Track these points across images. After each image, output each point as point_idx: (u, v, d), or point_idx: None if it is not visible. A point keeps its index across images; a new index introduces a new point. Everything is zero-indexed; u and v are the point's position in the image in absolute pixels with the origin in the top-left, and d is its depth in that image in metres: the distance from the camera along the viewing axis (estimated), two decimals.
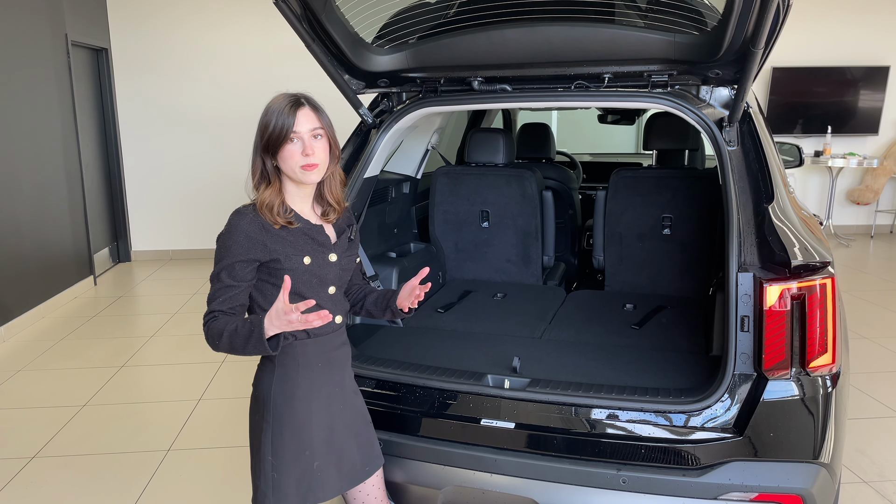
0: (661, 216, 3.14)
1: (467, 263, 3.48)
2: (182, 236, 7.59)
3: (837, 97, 7.81)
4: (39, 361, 4.58)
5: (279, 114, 1.69)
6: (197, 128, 7.37)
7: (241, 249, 1.68)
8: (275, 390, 1.78)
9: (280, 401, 1.77)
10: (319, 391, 1.81)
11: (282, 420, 1.77)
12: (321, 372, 1.81)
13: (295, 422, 1.78)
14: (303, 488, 1.78)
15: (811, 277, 1.85)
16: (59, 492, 3.02)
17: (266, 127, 1.70)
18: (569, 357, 2.41)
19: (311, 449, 1.79)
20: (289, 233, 1.74)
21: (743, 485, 1.86)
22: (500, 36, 2.36)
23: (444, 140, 4.07)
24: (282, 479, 1.76)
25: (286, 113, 1.68)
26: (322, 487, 1.80)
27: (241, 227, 1.69)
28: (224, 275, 1.68)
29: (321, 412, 1.81)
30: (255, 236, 1.69)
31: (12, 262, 5.19)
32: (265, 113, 1.71)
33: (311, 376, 1.80)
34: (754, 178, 2.16)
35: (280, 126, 1.68)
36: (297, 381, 1.78)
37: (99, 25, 6.92)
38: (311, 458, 1.79)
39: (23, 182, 5.38)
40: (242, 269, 1.69)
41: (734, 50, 2.11)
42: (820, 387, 1.90)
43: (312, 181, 1.74)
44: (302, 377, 1.78)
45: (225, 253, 1.69)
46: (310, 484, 1.78)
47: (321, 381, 1.81)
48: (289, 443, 1.77)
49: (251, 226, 1.69)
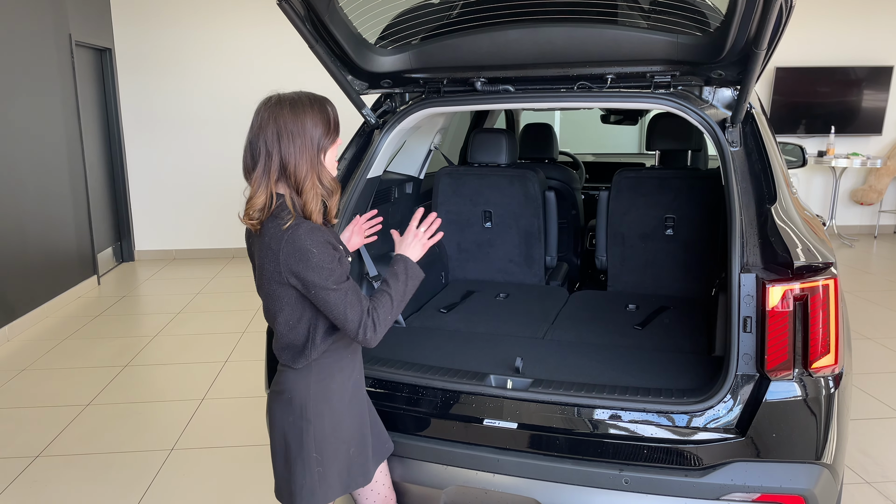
0: (664, 216, 3.14)
1: (470, 264, 3.48)
2: (185, 236, 7.60)
3: (841, 97, 7.79)
4: (43, 361, 4.59)
5: (334, 116, 1.73)
6: (200, 128, 7.38)
7: (332, 255, 1.66)
8: (313, 390, 1.79)
9: (320, 399, 1.80)
10: (348, 383, 1.86)
11: (322, 418, 1.80)
12: (349, 364, 1.87)
13: (334, 417, 1.82)
14: (344, 477, 1.86)
15: (814, 278, 1.85)
16: (62, 491, 3.03)
17: (328, 122, 1.70)
18: (571, 357, 2.42)
19: (348, 439, 1.86)
20: (332, 232, 1.76)
21: (745, 485, 1.86)
22: (504, 37, 2.36)
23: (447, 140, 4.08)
24: (326, 472, 1.81)
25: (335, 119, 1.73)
26: (361, 472, 1.90)
27: (318, 238, 1.65)
28: (344, 282, 1.67)
29: (352, 402, 1.88)
30: (329, 240, 1.68)
31: (16, 262, 5.21)
32: (319, 105, 1.70)
33: (343, 370, 1.84)
34: (757, 178, 2.16)
35: (337, 123, 1.73)
36: (334, 376, 1.82)
37: (102, 25, 6.93)
38: (348, 448, 1.86)
39: (27, 182, 5.40)
40: (344, 270, 1.69)
41: (737, 51, 2.11)
42: (822, 387, 1.90)
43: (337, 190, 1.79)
44: (336, 372, 1.83)
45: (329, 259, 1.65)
46: (350, 471, 1.87)
47: (349, 372, 1.87)
48: (330, 437, 1.81)
49: (323, 233, 1.67)
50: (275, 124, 1.65)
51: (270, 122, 1.65)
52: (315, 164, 1.68)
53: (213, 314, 5.58)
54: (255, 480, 3.06)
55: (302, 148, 1.66)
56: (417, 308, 3.04)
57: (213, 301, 5.96)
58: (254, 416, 3.69)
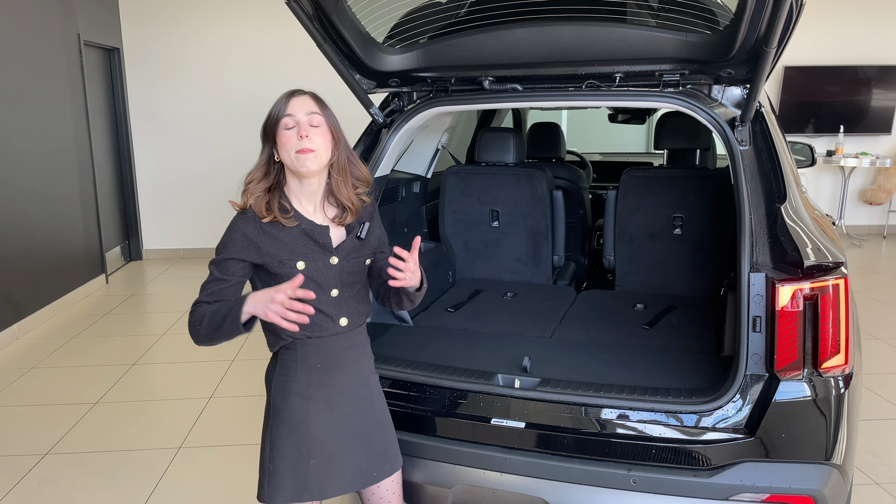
0: (672, 216, 3.13)
1: (477, 263, 3.48)
2: (193, 235, 7.62)
3: (850, 96, 7.75)
4: (52, 359, 4.62)
5: (277, 102, 1.75)
6: (208, 127, 7.40)
7: (236, 248, 1.72)
8: (275, 386, 1.82)
9: (278, 396, 1.81)
10: (318, 392, 1.80)
11: (279, 415, 1.80)
12: (321, 373, 1.81)
13: (292, 419, 1.79)
14: (297, 484, 1.78)
15: (824, 278, 1.84)
16: (71, 488, 3.05)
17: (268, 116, 1.76)
18: (579, 357, 2.41)
19: (308, 447, 1.79)
20: (286, 234, 1.74)
21: (754, 485, 1.86)
22: (511, 35, 2.36)
23: (455, 139, 4.07)
24: (277, 471, 1.78)
25: (283, 100, 1.75)
26: (318, 486, 1.80)
27: (239, 226, 1.73)
28: (216, 269, 1.73)
29: (320, 412, 1.80)
30: (252, 237, 1.72)
31: (25, 261, 5.23)
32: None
33: (309, 377, 1.80)
34: (766, 177, 2.15)
35: (276, 110, 1.74)
36: (295, 379, 1.79)
37: (111, 25, 6.96)
38: (307, 456, 1.79)
39: (36, 181, 5.42)
40: (234, 266, 1.73)
41: (746, 49, 2.10)
42: (832, 388, 1.89)
43: (309, 169, 1.71)
44: (300, 376, 1.79)
45: (221, 249, 1.74)
46: (304, 481, 1.79)
47: (321, 382, 1.81)
48: (285, 438, 1.79)
49: (249, 226, 1.73)
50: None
51: None
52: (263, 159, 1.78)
53: None
54: None
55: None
56: (425, 307, 3.04)
57: None
58: (261, 414, 3.69)
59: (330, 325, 1.79)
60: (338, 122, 1.80)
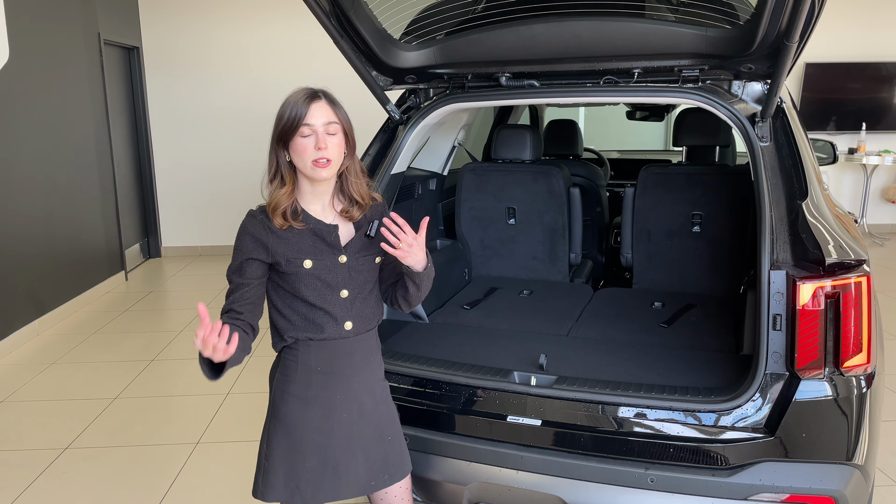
0: (691, 213, 3.10)
1: (493, 260, 3.46)
2: (211, 232, 7.68)
3: (872, 93, 7.64)
4: (72, 355, 4.67)
5: (293, 105, 1.69)
6: (226, 124, 7.45)
7: (248, 249, 1.74)
8: (275, 385, 1.82)
9: (278, 396, 1.81)
10: (317, 396, 1.78)
11: (277, 415, 1.80)
12: (321, 377, 1.79)
13: (289, 419, 1.78)
14: (290, 485, 1.77)
15: (846, 275, 1.81)
16: (90, 482, 3.08)
17: (281, 118, 1.70)
18: (596, 355, 2.39)
19: (303, 450, 1.77)
20: (294, 234, 1.74)
21: (774, 485, 1.83)
22: (529, 31, 2.34)
23: (471, 136, 4.06)
24: (271, 470, 1.78)
25: (300, 104, 1.68)
26: (310, 489, 1.77)
27: (248, 228, 1.74)
28: (235, 275, 1.75)
29: (318, 417, 1.78)
30: (260, 238, 1.73)
31: (46, 258, 5.30)
32: (282, 105, 1.72)
33: (308, 379, 1.78)
34: (787, 174, 2.12)
35: (294, 116, 1.68)
36: (294, 380, 1.79)
37: (130, 24, 7.02)
38: (302, 459, 1.77)
39: (56, 179, 5.48)
40: (250, 267, 1.74)
41: (767, 44, 2.07)
42: (854, 387, 1.86)
43: (323, 177, 1.71)
44: (299, 377, 1.78)
45: (236, 252, 1.76)
46: (297, 483, 1.77)
47: (320, 386, 1.79)
48: (281, 438, 1.79)
49: (257, 226, 1.74)
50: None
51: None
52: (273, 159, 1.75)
53: None
54: None
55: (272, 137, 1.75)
56: (440, 305, 3.03)
57: None
58: None
59: (333, 327, 1.77)
60: (350, 121, 1.77)
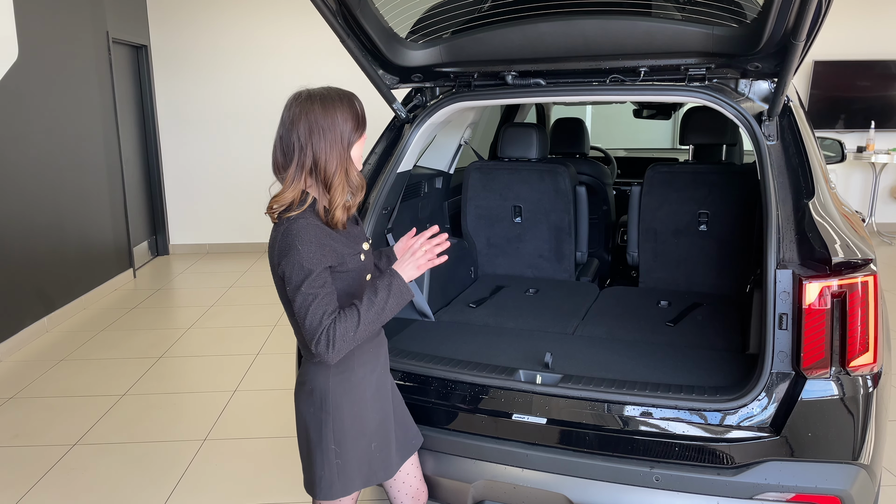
0: (698, 212, 3.09)
1: (499, 258, 3.47)
2: (219, 230, 7.70)
3: (881, 91, 7.60)
4: (81, 351, 4.70)
5: (358, 105, 1.73)
6: (234, 123, 7.47)
7: (318, 258, 1.63)
8: (332, 382, 1.78)
9: (339, 392, 1.79)
10: (371, 377, 1.85)
11: (342, 410, 1.79)
12: (372, 359, 1.86)
13: (354, 410, 1.81)
14: (364, 470, 1.85)
15: (852, 275, 1.81)
16: (99, 478, 3.10)
17: (357, 117, 1.71)
18: (602, 353, 2.40)
19: (370, 434, 1.84)
20: (341, 232, 1.75)
21: (779, 485, 1.83)
22: (535, 30, 2.34)
23: (477, 135, 4.07)
24: (346, 464, 1.81)
25: (361, 108, 1.73)
26: (382, 467, 1.89)
27: (309, 236, 1.63)
28: (317, 286, 1.61)
29: (375, 397, 1.86)
30: (325, 242, 1.66)
31: (55, 255, 5.33)
32: (348, 101, 1.70)
33: (364, 364, 1.83)
34: (794, 173, 2.12)
35: (362, 116, 1.72)
36: (354, 370, 1.80)
37: (139, 23, 7.05)
38: (369, 442, 1.84)
39: (66, 177, 5.52)
40: (325, 276, 1.64)
41: (774, 42, 2.06)
42: (860, 386, 1.85)
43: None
44: (357, 366, 1.81)
45: (310, 264, 1.62)
46: (370, 465, 1.85)
47: (371, 366, 1.85)
48: (349, 430, 1.80)
49: (318, 233, 1.65)
50: (306, 120, 1.65)
51: (302, 117, 1.66)
52: (344, 159, 1.69)
53: (246, 307, 5.65)
54: (286, 471, 3.10)
55: (332, 143, 1.66)
56: (446, 303, 3.04)
57: (245, 294, 6.03)
58: (285, 408, 3.73)
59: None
60: None
